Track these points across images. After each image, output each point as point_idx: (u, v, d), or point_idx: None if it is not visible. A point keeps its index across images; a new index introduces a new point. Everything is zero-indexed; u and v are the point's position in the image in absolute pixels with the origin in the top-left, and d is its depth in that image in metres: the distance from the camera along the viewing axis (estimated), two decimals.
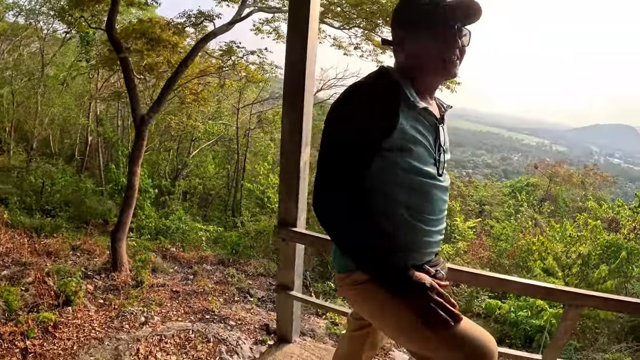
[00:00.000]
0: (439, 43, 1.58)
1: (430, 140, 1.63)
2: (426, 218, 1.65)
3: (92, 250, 9.49)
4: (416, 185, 1.60)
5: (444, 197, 1.71)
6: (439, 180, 1.66)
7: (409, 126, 1.53)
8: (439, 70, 1.63)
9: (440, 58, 1.60)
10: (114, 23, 8.14)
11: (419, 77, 1.64)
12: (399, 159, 1.54)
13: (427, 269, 1.65)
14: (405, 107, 1.53)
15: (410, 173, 1.57)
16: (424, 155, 1.59)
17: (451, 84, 9.07)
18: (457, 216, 14.75)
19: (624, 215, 13.84)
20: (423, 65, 1.62)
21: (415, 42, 1.62)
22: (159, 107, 7.93)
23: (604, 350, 9.05)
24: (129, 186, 8.05)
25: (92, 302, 6.85)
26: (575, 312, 2.21)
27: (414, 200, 1.61)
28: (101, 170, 18.37)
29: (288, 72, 2.02)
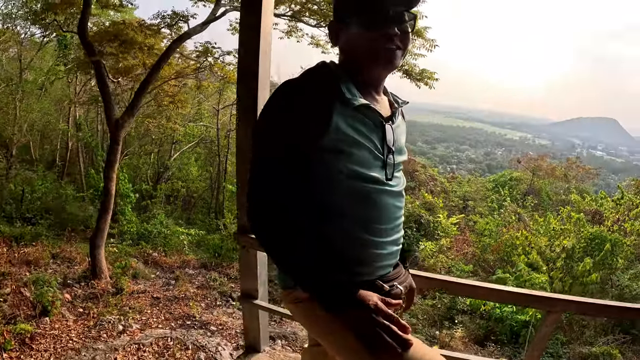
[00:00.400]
0: (370, 30, 1.41)
1: (375, 141, 1.44)
2: (375, 228, 1.46)
3: (72, 257, 9.35)
4: (359, 192, 1.42)
5: (396, 203, 1.52)
6: (388, 185, 1.48)
7: (346, 126, 1.36)
8: (375, 61, 1.45)
9: (374, 47, 1.42)
10: (86, 26, 8.00)
11: (358, 70, 1.47)
12: (336, 163, 1.37)
13: (380, 284, 1.46)
14: (341, 104, 1.37)
15: (350, 178, 1.39)
16: (366, 159, 1.41)
17: (429, 79, 9.02)
18: (440, 212, 14.75)
19: (607, 207, 13.94)
20: (357, 56, 1.46)
21: (348, 31, 1.46)
22: (134, 110, 7.80)
23: (591, 343, 9.09)
24: (105, 192, 7.93)
25: (71, 312, 6.74)
26: (554, 318, 2.08)
27: (359, 209, 1.43)
28: (82, 175, 18.15)
29: (241, 72, 1.89)
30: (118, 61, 9.80)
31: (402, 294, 1.55)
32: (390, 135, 1.49)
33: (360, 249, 1.45)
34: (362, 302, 1.31)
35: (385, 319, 1.29)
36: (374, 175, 1.43)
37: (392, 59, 1.44)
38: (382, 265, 1.51)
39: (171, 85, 11.15)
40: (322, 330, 1.50)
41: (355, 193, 1.41)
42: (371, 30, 1.41)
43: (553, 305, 2.02)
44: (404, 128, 1.67)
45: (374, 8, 1.41)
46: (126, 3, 10.36)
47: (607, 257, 10.70)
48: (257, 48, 1.80)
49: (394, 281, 1.53)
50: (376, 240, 1.47)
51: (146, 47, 9.38)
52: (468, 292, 2.12)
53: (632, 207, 12.67)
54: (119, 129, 7.56)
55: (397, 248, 1.57)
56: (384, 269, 1.52)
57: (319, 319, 1.45)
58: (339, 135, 1.35)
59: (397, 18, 1.41)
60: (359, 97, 1.41)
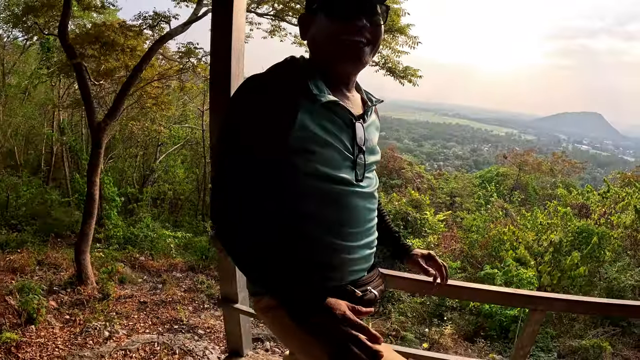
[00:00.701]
0: (336, 22, 1.31)
1: (345, 140, 1.36)
2: (345, 232, 1.38)
3: (58, 263, 9.25)
4: (328, 194, 1.33)
5: (368, 205, 1.45)
6: (359, 187, 1.40)
7: (313, 124, 1.28)
8: (341, 55, 1.35)
9: (339, 40, 1.32)
10: (66, 28, 7.90)
11: (325, 65, 1.38)
12: (302, 164, 1.28)
13: (351, 290, 1.38)
14: (307, 101, 1.28)
15: (317, 180, 1.31)
16: (334, 159, 1.32)
17: (413, 77, 8.99)
18: (427, 210, 14.76)
19: (594, 200, 14.07)
20: (323, 50, 1.37)
21: (314, 24, 1.37)
22: (116, 113, 7.71)
23: (581, 336, 9.14)
24: (89, 196, 7.83)
25: (57, 319, 6.66)
26: (540, 316, 2.04)
27: (326, 212, 1.34)
28: (67, 180, 17.94)
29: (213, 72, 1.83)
30: (100, 63, 9.67)
31: (377, 298, 1.47)
32: (360, 134, 1.41)
33: (330, 254, 1.37)
34: (330, 311, 1.22)
35: (354, 329, 1.20)
36: (343, 176, 1.35)
37: (359, 54, 1.35)
38: (354, 270, 1.43)
39: (154, 87, 11.02)
40: (291, 340, 1.44)
41: (323, 195, 1.33)
42: (337, 22, 1.32)
43: (537, 303, 1.99)
44: (378, 126, 1.59)
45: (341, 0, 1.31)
46: (108, 4, 10.23)
47: (595, 250, 10.77)
48: (229, 47, 1.74)
49: (368, 285, 1.46)
50: (347, 244, 1.39)
51: (128, 48, 9.27)
52: (452, 293, 2.09)
53: (618, 200, 12.79)
54: (101, 132, 7.46)
55: (370, 251, 1.49)
56: (356, 274, 1.45)
57: (287, 328, 1.38)
58: (305, 134, 1.27)
59: (366, 8, 1.32)
60: (327, 94, 1.32)
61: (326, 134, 1.31)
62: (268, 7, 9.34)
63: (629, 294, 10.09)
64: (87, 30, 9.81)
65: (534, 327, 2.04)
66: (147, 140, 19.03)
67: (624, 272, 10.56)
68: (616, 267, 10.85)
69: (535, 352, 8.49)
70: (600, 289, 10.71)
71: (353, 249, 1.41)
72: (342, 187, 1.36)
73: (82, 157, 15.54)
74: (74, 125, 19.57)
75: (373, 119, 1.54)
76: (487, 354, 8.33)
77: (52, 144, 18.86)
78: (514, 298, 2.09)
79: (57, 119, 18.56)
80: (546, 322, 9.42)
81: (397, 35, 8.78)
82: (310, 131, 1.28)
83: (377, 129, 1.59)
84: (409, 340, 8.21)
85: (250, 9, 9.27)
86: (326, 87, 1.35)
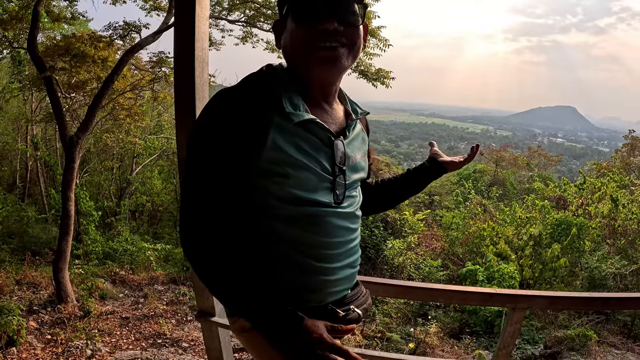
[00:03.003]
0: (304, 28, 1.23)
1: (322, 160, 1.27)
2: (323, 254, 1.30)
3: (37, 282, 9.07)
4: (303, 217, 1.25)
5: (349, 225, 1.36)
6: (338, 207, 1.32)
7: (286, 145, 1.20)
8: (315, 63, 1.24)
9: (311, 47, 1.23)
10: (35, 41, 7.76)
11: (302, 74, 1.29)
12: (275, 187, 1.22)
13: (333, 309, 1.32)
14: (280, 119, 1.20)
15: (292, 204, 1.23)
16: (310, 181, 1.24)
17: (386, 79, 9.02)
18: (406, 210, 14.80)
19: (570, 192, 14.26)
20: (296, 58, 1.28)
21: (286, 31, 1.29)
22: (88, 126, 7.59)
23: (566, 326, 9.21)
24: (64, 213, 7.67)
25: (39, 339, 6.53)
26: (521, 315, 2.02)
27: (303, 236, 1.27)
28: (43, 196, 17.66)
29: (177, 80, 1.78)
30: (71, 76, 9.52)
31: (361, 317, 1.41)
32: (340, 152, 1.32)
33: (307, 277, 1.30)
34: (306, 334, 1.18)
35: (332, 352, 1.17)
36: (320, 199, 1.27)
37: (334, 60, 1.24)
38: (335, 291, 1.37)
39: (127, 97, 10.88)
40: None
41: (298, 219, 1.26)
42: (306, 27, 1.23)
43: (517, 302, 1.97)
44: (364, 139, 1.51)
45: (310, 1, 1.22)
46: (78, 15, 10.09)
47: (574, 241, 10.93)
48: (192, 55, 1.71)
49: (351, 304, 1.40)
50: (325, 266, 1.31)
51: (99, 59, 9.14)
52: (429, 296, 2.07)
53: (594, 191, 12.99)
54: (74, 146, 7.33)
55: (352, 271, 1.42)
56: (338, 294, 1.38)
57: (263, 351, 1.31)
58: (277, 155, 1.19)
59: (337, 10, 1.22)
60: (302, 111, 1.24)
61: (301, 155, 1.23)
62: (239, 14, 9.30)
63: (610, 281, 10.24)
64: (57, 42, 9.66)
65: (516, 325, 2.02)
66: (123, 153, 18.77)
67: (605, 261, 10.70)
68: (596, 257, 11.00)
69: (522, 344, 8.55)
70: (582, 278, 10.85)
71: (333, 271, 1.34)
72: (319, 209, 1.28)
73: (57, 172, 15.27)
74: (48, 140, 19.28)
75: (358, 131, 1.45)
76: (473, 350, 8.36)
77: (26, 160, 18.56)
78: (494, 298, 2.08)
79: (30, 133, 18.28)
80: (531, 314, 9.51)
81: (369, 38, 8.82)
82: (283, 152, 1.20)
83: (364, 141, 1.50)
84: (395, 341, 8.20)
85: (222, 15, 9.23)
86: (303, 102, 1.27)
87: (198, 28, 1.71)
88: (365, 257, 13.09)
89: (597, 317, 9.66)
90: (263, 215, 1.25)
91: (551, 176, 23.97)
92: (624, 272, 10.26)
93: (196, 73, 1.74)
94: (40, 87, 11.01)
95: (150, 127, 18.58)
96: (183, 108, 1.83)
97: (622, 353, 8.23)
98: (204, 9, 1.74)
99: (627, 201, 11.98)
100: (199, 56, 1.75)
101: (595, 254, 11.21)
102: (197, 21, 1.70)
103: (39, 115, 16.70)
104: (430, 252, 13.59)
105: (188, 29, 1.71)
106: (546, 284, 10.77)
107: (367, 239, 13.19)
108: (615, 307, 6.22)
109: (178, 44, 1.77)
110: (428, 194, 22.53)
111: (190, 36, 1.70)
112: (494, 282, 9.89)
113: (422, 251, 13.30)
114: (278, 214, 1.24)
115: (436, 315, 9.93)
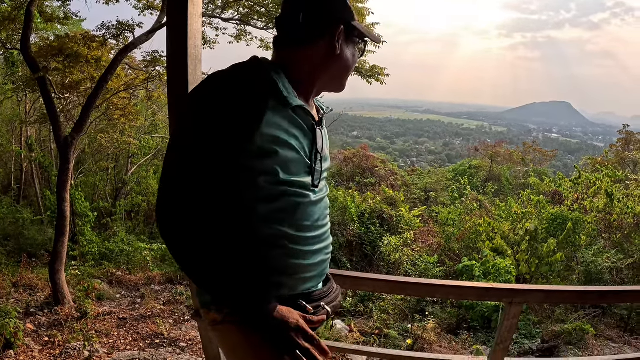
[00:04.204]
0: (355, 57, 1.47)
1: (305, 145, 1.35)
2: (299, 237, 1.34)
3: (34, 284, 9.05)
4: (284, 196, 1.30)
5: (322, 209, 1.44)
6: (313, 192, 1.39)
7: (278, 126, 1.26)
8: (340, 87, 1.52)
9: (348, 73, 1.49)
10: (28, 42, 7.72)
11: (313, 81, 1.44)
12: (261, 166, 1.25)
13: (303, 305, 1.34)
14: (275, 102, 1.26)
15: (275, 184, 1.28)
16: (295, 163, 1.31)
17: (380, 75, 9.02)
18: (402, 206, 14.82)
19: (566, 187, 14.32)
20: (333, 72, 1.47)
21: (345, 44, 1.45)
22: (82, 126, 7.55)
23: (563, 320, 9.26)
24: (59, 214, 7.63)
25: (36, 342, 6.50)
26: (517, 309, 2.02)
27: (281, 216, 1.31)
28: (38, 198, 17.61)
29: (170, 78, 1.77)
30: (65, 76, 9.48)
31: (330, 315, 1.43)
32: (320, 140, 1.42)
33: (284, 259, 1.33)
34: (283, 319, 1.22)
35: (306, 341, 1.21)
36: (301, 180, 1.34)
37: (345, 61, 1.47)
38: (307, 277, 1.40)
39: (121, 97, 10.83)
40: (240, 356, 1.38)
41: (279, 198, 1.30)
42: (356, 56, 1.49)
43: (513, 296, 1.97)
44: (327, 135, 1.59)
45: None
46: (71, 15, 10.02)
47: (570, 235, 10.99)
48: (186, 53, 1.70)
49: (321, 300, 1.42)
50: (301, 249, 1.36)
51: (93, 59, 9.10)
52: (426, 292, 2.07)
53: (589, 185, 13.05)
54: (69, 147, 7.29)
55: (324, 258, 1.46)
56: (310, 282, 1.41)
57: (236, 344, 1.34)
58: (269, 135, 1.24)
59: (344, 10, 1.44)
60: (295, 97, 1.32)
61: (290, 137, 1.29)
62: (233, 12, 9.27)
63: (606, 275, 10.29)
64: (50, 42, 9.61)
65: (512, 320, 2.02)
66: (118, 153, 18.66)
67: (600, 255, 10.76)
68: (592, 251, 11.05)
69: (519, 339, 8.59)
70: (578, 273, 10.91)
71: (307, 254, 1.37)
72: (299, 191, 1.34)
73: (52, 173, 15.21)
74: (42, 141, 19.21)
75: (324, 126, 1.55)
76: (471, 345, 8.38)
77: (21, 162, 18.50)
78: (490, 293, 2.08)
79: (24, 135, 18.21)
80: (527, 309, 9.54)
81: None
82: (274, 133, 1.25)
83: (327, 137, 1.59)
84: (393, 337, 8.21)
85: (215, 14, 9.19)
86: (293, 90, 1.34)
87: (191, 26, 1.70)
88: (362, 254, 13.10)
89: (593, 311, 9.71)
90: (246, 195, 1.27)
91: (546, 171, 24.05)
92: (620, 266, 10.32)
93: (189, 71, 1.74)
94: (34, 88, 10.96)
95: (144, 126, 18.49)
96: (177, 107, 1.83)
97: (619, 346, 8.28)
98: (196, 7, 1.74)
99: (622, 195, 12.03)
100: (192, 54, 1.74)
101: (591, 248, 11.27)
102: (190, 19, 1.69)
103: (33, 117, 16.62)
104: (426, 248, 13.62)
105: (181, 27, 1.70)
106: (542, 279, 10.82)
107: (364, 236, 13.22)
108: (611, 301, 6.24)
109: (171, 42, 1.76)
110: (424, 190, 22.55)
111: (183, 34, 1.70)
112: (490, 278, 9.92)
113: (419, 247, 13.32)
114: (261, 193, 1.27)
115: (433, 311, 9.95)
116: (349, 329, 7.90)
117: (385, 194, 16.15)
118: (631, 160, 21.08)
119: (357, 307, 9.70)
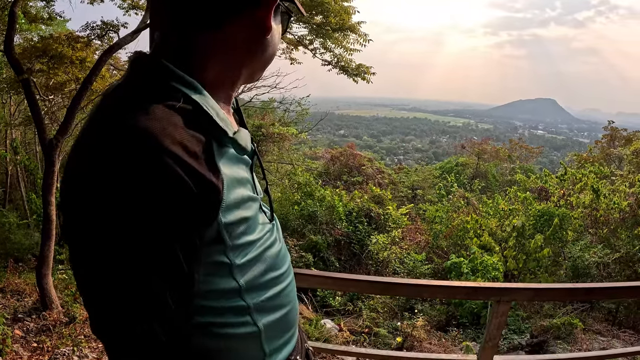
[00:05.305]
0: (280, 33, 1.05)
1: (250, 178, 1.00)
2: (279, 280, 1.05)
3: (21, 289, 8.92)
4: (258, 259, 0.98)
5: (282, 242, 1.12)
6: (273, 226, 1.09)
7: (230, 182, 0.89)
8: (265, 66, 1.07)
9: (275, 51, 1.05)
10: (11, 43, 7.61)
11: (246, 72, 1.03)
12: (227, 239, 0.89)
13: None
14: (219, 147, 0.90)
15: (246, 247, 0.95)
16: (255, 213, 0.98)
17: (367, 74, 9.02)
18: (390, 204, 14.84)
19: (552, 183, 14.41)
20: (266, 59, 1.04)
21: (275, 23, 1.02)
22: (67, 128, 7.46)
23: (551, 315, 9.30)
24: (45, 217, 7.53)
25: (25, 348, 6.42)
26: (505, 307, 2.01)
27: (260, 269, 0.98)
28: (24, 201, 17.42)
29: None
30: (49, 77, 9.37)
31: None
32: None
33: (286, 317, 1.07)
34: None
35: None
36: (265, 227, 1.03)
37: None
38: (292, 333, 1.11)
39: None
40: None
41: (254, 262, 0.97)
42: (283, 33, 1.07)
43: (501, 295, 1.97)
44: None
45: None
46: (55, 15, 9.90)
47: (557, 231, 11.06)
48: None
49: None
50: (286, 290, 1.08)
51: (77, 60, 9.00)
52: (415, 292, 2.06)
53: (575, 181, 13.15)
54: (53, 149, 7.20)
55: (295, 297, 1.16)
56: (293, 337, 1.12)
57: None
58: (231, 203, 0.89)
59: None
60: (228, 121, 0.93)
61: (243, 187, 0.95)
62: None
63: (594, 270, 10.36)
64: (35, 43, 9.50)
65: (501, 318, 2.01)
66: None
67: (587, 250, 10.85)
68: (579, 246, 11.14)
69: (508, 334, 8.62)
70: (566, 268, 11.00)
71: (290, 295, 1.11)
72: (268, 234, 1.04)
73: (38, 176, 15.06)
74: (27, 144, 19.03)
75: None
76: (460, 342, 8.40)
77: (6, 165, 18.29)
78: (478, 292, 2.08)
79: (9, 137, 18.00)
80: (516, 305, 9.59)
81: (349, 34, 8.80)
82: (231, 196, 0.89)
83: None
84: (382, 335, 8.21)
85: None
86: (218, 106, 0.93)
87: None
88: (350, 252, 13.10)
89: (582, 305, 9.77)
90: (216, 294, 0.92)
91: (532, 168, 24.26)
92: (606, 261, 10.40)
93: None
94: (18, 90, 10.83)
95: None
96: None
97: (608, 340, 8.34)
98: None
99: (608, 191, 12.15)
100: None
101: (578, 243, 11.37)
102: None
103: (17, 119, 16.47)
104: (414, 246, 13.65)
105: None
106: (530, 274, 10.88)
107: (352, 234, 13.22)
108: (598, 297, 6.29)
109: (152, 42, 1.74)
110: (411, 188, 22.60)
111: None
112: (478, 274, 9.95)
113: (407, 245, 13.35)
114: (235, 270, 0.93)
115: (423, 308, 9.97)
116: (339, 328, 7.88)
117: (372, 193, 16.18)
118: (616, 156, 21.33)
119: (347, 306, 9.70)
